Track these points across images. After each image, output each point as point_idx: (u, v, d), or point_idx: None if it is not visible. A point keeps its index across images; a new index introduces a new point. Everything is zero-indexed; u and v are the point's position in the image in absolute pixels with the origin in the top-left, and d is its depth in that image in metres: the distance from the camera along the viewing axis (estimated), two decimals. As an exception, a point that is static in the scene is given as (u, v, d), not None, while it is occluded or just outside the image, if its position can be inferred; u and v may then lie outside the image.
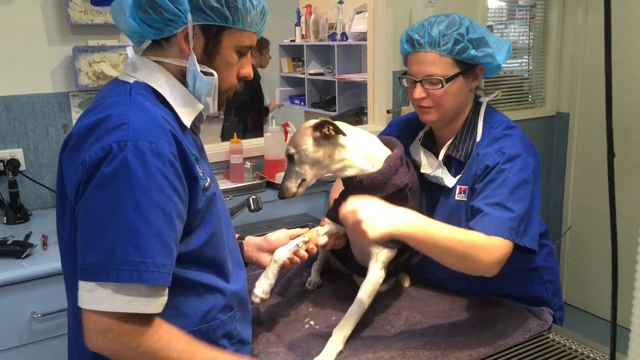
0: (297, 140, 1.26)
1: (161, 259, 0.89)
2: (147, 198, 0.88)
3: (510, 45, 1.39)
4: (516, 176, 1.27)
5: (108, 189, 0.88)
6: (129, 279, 0.87)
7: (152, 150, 0.89)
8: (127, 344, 0.91)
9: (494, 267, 1.20)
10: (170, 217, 0.91)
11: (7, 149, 2.05)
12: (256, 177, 2.36)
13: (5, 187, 2.01)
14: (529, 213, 1.26)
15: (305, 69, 4.61)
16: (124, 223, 0.87)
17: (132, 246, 0.87)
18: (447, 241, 1.15)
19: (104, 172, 0.88)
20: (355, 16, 3.82)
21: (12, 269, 1.59)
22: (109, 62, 2.11)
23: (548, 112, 3.39)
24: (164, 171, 0.90)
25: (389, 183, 1.27)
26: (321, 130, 1.24)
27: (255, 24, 1.06)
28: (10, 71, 2.03)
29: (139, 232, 0.87)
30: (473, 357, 1.19)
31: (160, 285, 0.91)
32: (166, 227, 0.90)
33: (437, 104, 1.35)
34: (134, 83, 1.01)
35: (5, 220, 1.97)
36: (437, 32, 1.30)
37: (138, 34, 1.03)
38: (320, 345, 1.21)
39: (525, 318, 1.34)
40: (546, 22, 3.33)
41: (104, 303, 0.88)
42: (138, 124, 0.91)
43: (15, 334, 1.61)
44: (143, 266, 0.87)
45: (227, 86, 1.08)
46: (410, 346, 1.21)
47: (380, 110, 2.83)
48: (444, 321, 1.34)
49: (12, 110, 2.04)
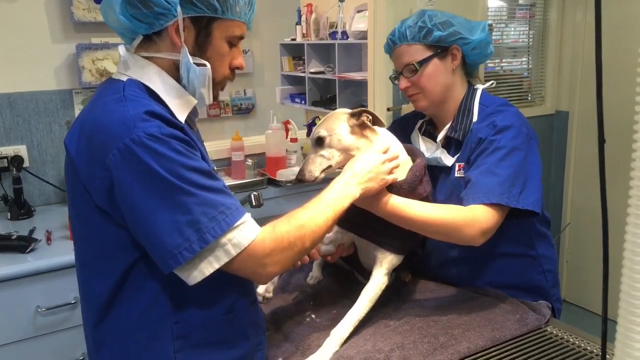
0: (331, 124, 1.24)
1: (228, 201, 0.97)
2: (184, 168, 0.93)
3: (486, 24, 1.47)
4: (507, 144, 1.31)
5: (148, 180, 0.92)
6: (223, 227, 0.95)
7: (163, 132, 0.93)
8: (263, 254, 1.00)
9: (478, 237, 1.25)
10: (208, 172, 0.97)
11: (11, 145, 2.07)
12: (257, 174, 2.38)
13: (9, 183, 2.04)
14: (524, 177, 1.29)
15: (306, 68, 4.63)
16: (183, 195, 0.92)
17: (204, 207, 0.94)
18: (424, 223, 1.23)
19: (130, 172, 0.91)
20: (356, 15, 3.83)
21: (17, 264, 1.61)
22: (112, 59, 2.13)
23: (547, 110, 3.41)
24: (180, 144, 0.94)
25: (415, 192, 1.26)
26: (359, 118, 1.24)
27: (244, 14, 1.07)
28: (14, 68, 2.05)
29: (199, 196, 0.93)
30: (471, 350, 1.21)
31: (243, 216, 0.98)
32: (209, 182, 0.96)
33: (421, 89, 1.43)
34: (127, 81, 1.02)
35: (9, 216, 2.00)
36: (405, 27, 1.42)
37: (129, 30, 1.04)
38: (321, 338, 1.23)
39: (524, 312, 1.36)
40: (546, 21, 3.35)
41: (221, 259, 0.97)
42: (138, 116, 0.93)
43: (21, 327, 1.63)
44: (221, 215, 0.95)
45: (220, 77, 1.09)
46: (409, 339, 1.23)
47: (380, 109, 2.85)
48: (443, 315, 1.35)
49: (16, 107, 2.06)
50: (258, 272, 1.01)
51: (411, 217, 1.22)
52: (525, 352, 1.22)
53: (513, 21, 3.37)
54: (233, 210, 0.97)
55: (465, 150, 1.41)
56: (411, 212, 1.22)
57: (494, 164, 1.29)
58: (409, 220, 1.23)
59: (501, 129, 1.34)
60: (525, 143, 1.33)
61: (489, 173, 1.29)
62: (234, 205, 0.98)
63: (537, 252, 1.49)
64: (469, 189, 1.29)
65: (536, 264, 1.49)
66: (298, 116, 4.44)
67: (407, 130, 1.58)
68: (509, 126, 1.34)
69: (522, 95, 3.39)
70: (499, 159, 1.30)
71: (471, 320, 1.32)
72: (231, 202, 0.98)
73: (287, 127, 2.48)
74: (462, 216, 1.24)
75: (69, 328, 1.66)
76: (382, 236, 1.30)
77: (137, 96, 0.99)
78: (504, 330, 1.28)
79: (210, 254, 0.95)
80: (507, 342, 1.26)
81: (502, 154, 1.30)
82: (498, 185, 1.26)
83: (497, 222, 1.26)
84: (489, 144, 1.33)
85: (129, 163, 0.91)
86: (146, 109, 0.95)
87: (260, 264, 1.00)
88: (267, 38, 4.35)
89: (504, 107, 1.41)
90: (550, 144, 3.45)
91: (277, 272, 1.07)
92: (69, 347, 1.18)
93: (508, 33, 3.36)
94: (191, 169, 0.94)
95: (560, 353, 1.21)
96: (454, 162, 1.43)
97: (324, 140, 1.23)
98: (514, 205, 1.26)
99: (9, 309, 1.61)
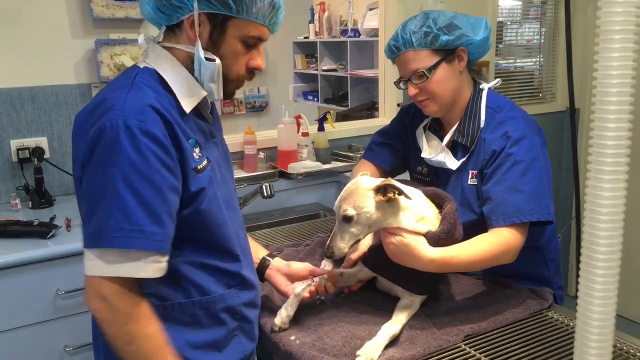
0: (359, 202, 1.20)
1: (149, 227, 0.96)
2: (135, 171, 0.95)
3: (487, 21, 1.45)
4: (525, 158, 1.33)
5: (102, 165, 0.96)
6: (120, 244, 0.95)
7: (141, 129, 0.96)
8: (119, 311, 0.98)
9: (513, 258, 1.32)
10: (159, 189, 0.97)
11: (33, 137, 2.15)
12: (269, 166, 2.43)
13: (31, 173, 2.11)
14: (546, 189, 1.33)
15: (319, 65, 4.67)
16: (115, 195, 0.95)
17: (122, 215, 0.95)
18: (469, 267, 1.30)
19: (99, 150, 0.97)
20: (367, 12, 3.88)
21: (38, 248, 1.68)
22: (130, 54, 2.19)
23: (558, 107, 3.42)
24: (151, 147, 0.96)
25: (452, 239, 1.26)
26: (385, 194, 1.20)
27: (263, 16, 1.07)
28: (36, 63, 2.12)
29: (127, 203, 0.95)
30: (474, 331, 1.25)
31: (151, 251, 0.97)
32: (154, 198, 0.97)
33: (431, 95, 1.42)
34: (142, 68, 1.08)
35: (30, 205, 2.07)
36: (408, 32, 1.39)
37: (154, 20, 1.10)
38: (331, 324, 1.28)
39: (526, 296, 1.39)
40: (556, 18, 3.36)
41: (101, 269, 0.96)
42: (130, 105, 0.98)
43: (41, 309, 1.70)
44: (132, 233, 0.95)
45: (233, 75, 1.11)
46: (415, 319, 1.28)
47: (391, 105, 2.90)
48: (447, 298, 1.40)
49: (38, 100, 2.14)
50: (111, 317, 0.99)
51: (458, 266, 1.28)
52: (527, 334, 1.26)
53: (527, 21, 3.39)
54: (144, 236, 0.96)
55: (478, 159, 1.42)
56: (457, 262, 1.25)
57: (517, 180, 1.31)
58: (456, 269, 1.33)
59: (516, 141, 1.35)
60: (540, 151, 1.35)
61: (513, 191, 1.31)
62: (153, 236, 0.97)
63: (540, 243, 1.52)
64: (496, 209, 1.31)
65: (539, 253, 1.53)
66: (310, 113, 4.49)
67: (415, 122, 1.60)
68: (523, 137, 1.35)
69: (533, 93, 3.41)
70: (520, 175, 1.32)
71: (475, 304, 1.37)
72: (152, 230, 0.96)
73: (298, 122, 2.53)
74: (497, 245, 1.28)
75: (87, 311, 1.72)
76: (407, 281, 1.31)
77: (146, 84, 1.03)
78: (507, 314, 1.32)
79: (100, 258, 0.97)
80: (510, 325, 1.30)
81: (522, 169, 1.32)
82: (525, 202, 1.29)
83: (525, 237, 1.32)
84: (506, 158, 1.34)
85: (98, 142, 0.96)
86: (144, 101, 0.99)
87: (120, 317, 0.99)
88: (280, 36, 4.40)
89: (512, 113, 1.42)
90: (561, 141, 3.46)
91: (105, 325, 1.01)
92: (87, 329, 1.22)
93: (522, 33, 3.38)
94: (141, 177, 0.96)
95: (561, 337, 1.25)
96: (459, 165, 1.45)
97: (352, 219, 1.20)
98: (544, 219, 1.31)
99: (31, 291, 1.68)
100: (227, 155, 1.25)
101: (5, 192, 2.13)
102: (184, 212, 1.05)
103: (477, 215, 1.41)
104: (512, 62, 3.46)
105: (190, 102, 1.08)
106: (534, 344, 1.22)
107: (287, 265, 1.37)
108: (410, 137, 1.61)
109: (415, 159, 1.61)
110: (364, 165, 1.68)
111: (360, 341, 1.19)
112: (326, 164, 2.49)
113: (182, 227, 1.05)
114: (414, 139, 1.58)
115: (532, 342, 1.22)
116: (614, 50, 0.57)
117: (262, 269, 1.35)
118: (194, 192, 1.05)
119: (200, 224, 1.08)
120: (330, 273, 1.36)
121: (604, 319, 0.64)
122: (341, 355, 1.16)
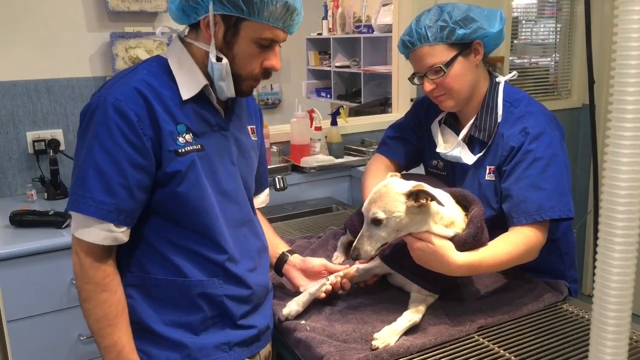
0: (389, 207, 1.17)
1: (100, 196, 1.04)
2: (98, 143, 1.04)
3: (502, 12, 1.42)
4: (545, 154, 1.31)
5: (81, 137, 1.08)
6: (72, 207, 1.06)
7: (114, 105, 1.04)
8: (84, 270, 1.07)
9: (536, 256, 1.31)
10: (117, 162, 1.04)
11: (49, 129, 2.17)
12: (282, 160, 2.43)
13: (47, 165, 2.14)
14: (566, 184, 1.32)
15: (332, 62, 4.67)
16: (79, 164, 1.06)
17: (80, 182, 1.05)
18: (496, 268, 1.29)
19: (83, 123, 1.09)
20: (381, 8, 3.87)
21: (53, 238, 1.70)
22: (144, 47, 2.21)
23: (574, 103, 3.39)
24: (119, 123, 1.04)
25: (479, 242, 1.24)
26: (417, 199, 1.17)
27: (276, 19, 1.09)
28: (52, 56, 2.15)
29: (85, 171, 1.05)
30: (488, 322, 1.24)
31: (100, 219, 1.05)
32: (110, 169, 1.04)
33: (448, 90, 1.40)
34: (155, 56, 1.18)
35: (46, 196, 2.09)
36: (423, 26, 1.36)
37: (177, 17, 1.15)
38: (342, 312, 1.28)
39: (541, 289, 1.38)
40: (573, 14, 3.33)
41: (73, 228, 1.08)
42: (118, 86, 1.07)
43: (56, 298, 1.72)
44: (83, 199, 1.05)
45: (247, 74, 1.14)
46: (428, 311, 1.27)
47: (404, 100, 2.88)
48: (462, 289, 1.39)
49: (53, 92, 2.16)
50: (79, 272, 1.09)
51: (485, 270, 1.27)
52: (541, 326, 1.25)
53: (542, 18, 3.36)
54: (94, 204, 1.04)
55: (496, 155, 1.40)
56: (485, 266, 1.23)
57: (537, 177, 1.30)
58: (482, 272, 1.33)
59: (535, 137, 1.33)
60: (559, 146, 1.34)
61: (534, 188, 1.29)
62: (102, 205, 1.04)
63: (556, 236, 1.50)
64: (517, 207, 1.30)
65: (554, 247, 1.50)
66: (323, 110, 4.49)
67: (429, 115, 1.58)
68: (542, 133, 1.33)
69: (549, 89, 3.38)
70: (540, 172, 1.30)
71: (489, 295, 1.36)
72: (102, 199, 1.04)
73: (311, 116, 2.53)
74: (522, 245, 1.27)
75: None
76: (426, 280, 1.30)
77: (149, 69, 1.11)
78: (521, 305, 1.31)
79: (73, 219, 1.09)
80: (524, 316, 1.28)
81: (542, 165, 1.30)
82: (547, 200, 1.28)
83: (546, 234, 1.31)
84: (525, 155, 1.33)
85: (84, 116, 1.08)
86: (131, 84, 1.07)
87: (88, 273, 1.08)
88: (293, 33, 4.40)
89: (531, 108, 1.40)
90: (577, 137, 3.43)
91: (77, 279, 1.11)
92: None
93: (538, 31, 3.35)
94: (102, 149, 1.04)
95: (575, 329, 1.23)
96: (475, 160, 1.43)
97: (381, 222, 1.17)
98: (565, 216, 1.30)
99: (46, 280, 1.69)
100: (244, 152, 1.25)
101: (21, 184, 2.15)
102: (159, 190, 1.11)
103: (495, 211, 1.40)
104: (528, 61, 3.43)
105: (188, 90, 1.13)
106: (549, 336, 1.20)
107: (302, 260, 1.37)
108: (424, 130, 1.60)
109: (430, 153, 1.59)
110: (378, 159, 1.66)
111: (371, 328, 1.19)
112: (339, 159, 2.49)
113: (160, 205, 1.12)
114: (429, 132, 1.57)
115: (547, 334, 1.21)
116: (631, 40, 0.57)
117: (281, 264, 1.38)
118: (169, 173, 1.09)
119: (179, 206, 1.12)
120: (346, 269, 1.34)
121: (621, 310, 0.63)
122: (350, 340, 1.16)
